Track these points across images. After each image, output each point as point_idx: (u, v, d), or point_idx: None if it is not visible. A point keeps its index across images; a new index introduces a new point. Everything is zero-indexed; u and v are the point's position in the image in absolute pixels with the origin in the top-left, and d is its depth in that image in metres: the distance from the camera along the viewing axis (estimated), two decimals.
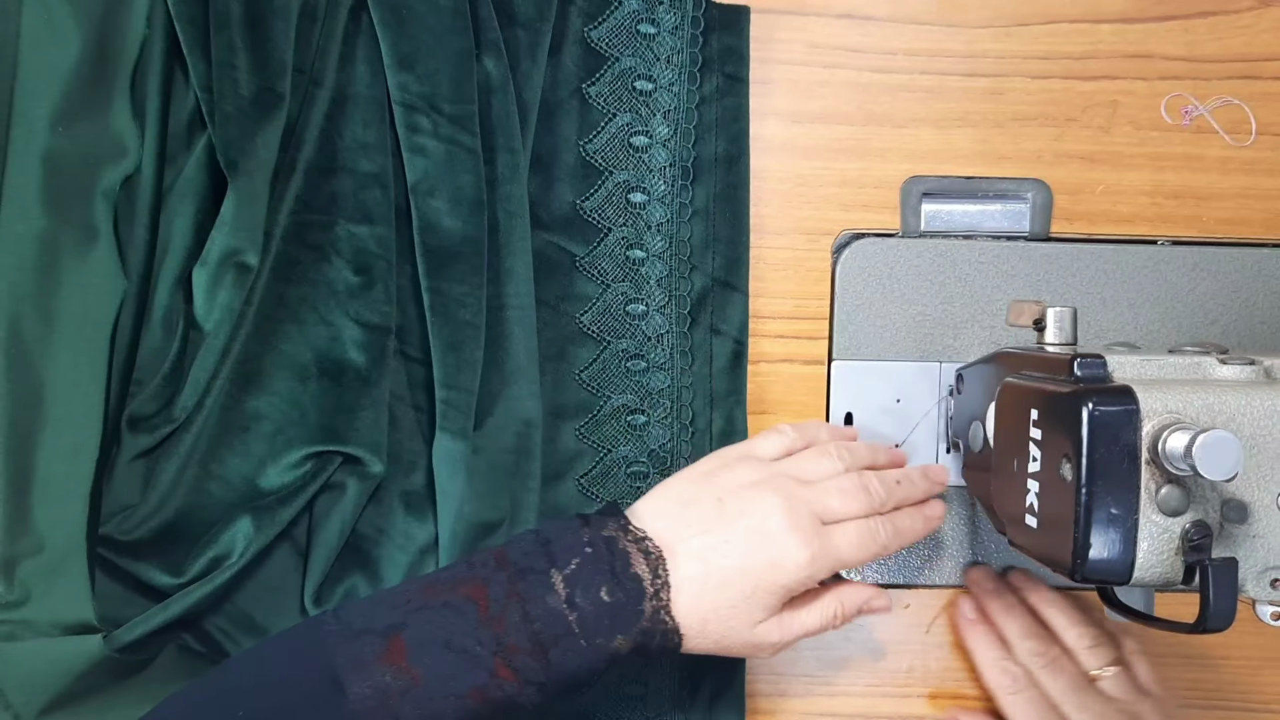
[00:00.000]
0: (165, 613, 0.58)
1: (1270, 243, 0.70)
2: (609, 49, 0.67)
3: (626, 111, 0.67)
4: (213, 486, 0.61)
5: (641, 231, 0.67)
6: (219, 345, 0.60)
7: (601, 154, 0.67)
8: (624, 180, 0.67)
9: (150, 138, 0.59)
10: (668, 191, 0.67)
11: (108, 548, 0.59)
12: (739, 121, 0.68)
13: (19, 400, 0.57)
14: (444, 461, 0.62)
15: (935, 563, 0.70)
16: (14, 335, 0.57)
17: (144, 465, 0.61)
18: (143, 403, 0.60)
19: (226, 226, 0.59)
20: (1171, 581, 0.50)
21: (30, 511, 0.57)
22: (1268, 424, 0.50)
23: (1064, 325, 0.56)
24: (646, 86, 0.67)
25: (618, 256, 0.67)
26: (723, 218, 0.68)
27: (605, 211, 0.67)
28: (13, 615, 0.57)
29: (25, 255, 0.57)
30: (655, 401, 0.67)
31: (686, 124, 0.67)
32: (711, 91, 0.67)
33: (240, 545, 0.59)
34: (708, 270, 0.68)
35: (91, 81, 0.59)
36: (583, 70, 0.67)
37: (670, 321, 0.67)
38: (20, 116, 0.58)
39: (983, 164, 0.70)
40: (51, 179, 0.58)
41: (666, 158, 0.67)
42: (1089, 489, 0.49)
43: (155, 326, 0.61)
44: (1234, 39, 0.69)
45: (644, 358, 0.67)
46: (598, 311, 0.67)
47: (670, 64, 0.67)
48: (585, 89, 0.67)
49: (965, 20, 0.69)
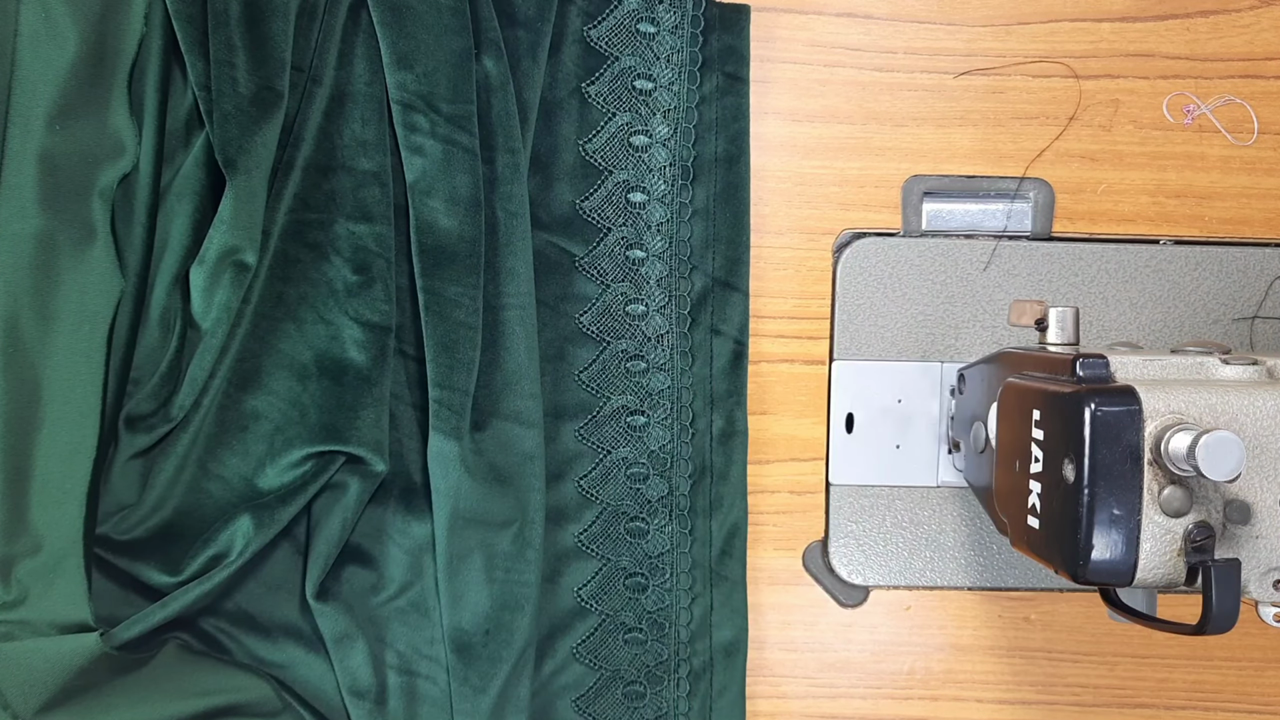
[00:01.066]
0: (164, 610, 0.57)
1: (1272, 242, 0.70)
2: (609, 48, 0.66)
3: (626, 111, 0.67)
4: (211, 486, 0.60)
5: (641, 231, 0.67)
6: (216, 344, 0.60)
7: (601, 153, 0.67)
8: (624, 180, 0.67)
9: (148, 136, 0.59)
10: (667, 191, 0.67)
11: (105, 547, 0.59)
12: (739, 121, 0.67)
13: (16, 399, 0.57)
14: (437, 461, 0.62)
15: (936, 564, 0.69)
16: (11, 334, 0.57)
17: (141, 464, 0.61)
18: (140, 402, 0.60)
19: (224, 225, 0.59)
20: (1174, 583, 0.50)
21: (28, 511, 0.57)
22: (1270, 424, 0.50)
23: (1066, 325, 0.55)
24: (646, 86, 0.67)
25: (617, 256, 0.67)
26: (723, 217, 0.67)
27: (605, 211, 0.67)
28: (10, 615, 0.56)
29: (22, 254, 0.57)
30: (655, 402, 0.67)
31: (686, 123, 0.67)
32: (711, 91, 0.67)
33: (240, 543, 0.59)
34: (708, 270, 0.68)
35: (89, 80, 0.58)
36: (582, 69, 0.66)
37: (670, 322, 0.67)
38: (17, 115, 0.57)
39: (984, 163, 0.69)
40: (48, 178, 0.58)
41: (666, 157, 0.67)
42: (1091, 490, 0.48)
43: (153, 325, 0.60)
44: (1236, 38, 0.69)
45: (644, 358, 0.67)
46: (597, 312, 0.67)
47: (670, 63, 0.66)
48: (585, 88, 0.67)
49: (965, 19, 0.69)
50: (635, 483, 0.67)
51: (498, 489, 0.63)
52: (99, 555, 0.59)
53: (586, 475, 0.67)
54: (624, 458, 0.67)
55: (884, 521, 0.69)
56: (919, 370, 0.69)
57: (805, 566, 0.70)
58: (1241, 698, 0.70)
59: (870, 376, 0.69)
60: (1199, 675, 0.70)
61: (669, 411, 0.67)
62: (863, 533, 0.70)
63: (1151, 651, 0.68)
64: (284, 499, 0.61)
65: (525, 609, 0.63)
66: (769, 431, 0.69)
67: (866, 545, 0.70)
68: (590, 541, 0.67)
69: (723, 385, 0.68)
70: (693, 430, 0.67)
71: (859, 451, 0.69)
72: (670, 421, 0.67)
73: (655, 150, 0.67)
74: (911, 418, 0.69)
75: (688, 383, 0.67)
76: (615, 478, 0.67)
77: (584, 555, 0.67)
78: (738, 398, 0.68)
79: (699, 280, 0.68)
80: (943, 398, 0.69)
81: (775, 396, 0.69)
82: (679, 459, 0.67)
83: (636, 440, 0.67)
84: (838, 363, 0.69)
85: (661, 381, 0.67)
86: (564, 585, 0.67)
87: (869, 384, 0.69)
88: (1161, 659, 0.69)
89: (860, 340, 0.69)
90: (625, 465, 0.67)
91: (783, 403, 0.69)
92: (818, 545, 0.70)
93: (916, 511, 0.70)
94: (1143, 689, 0.70)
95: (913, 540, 0.69)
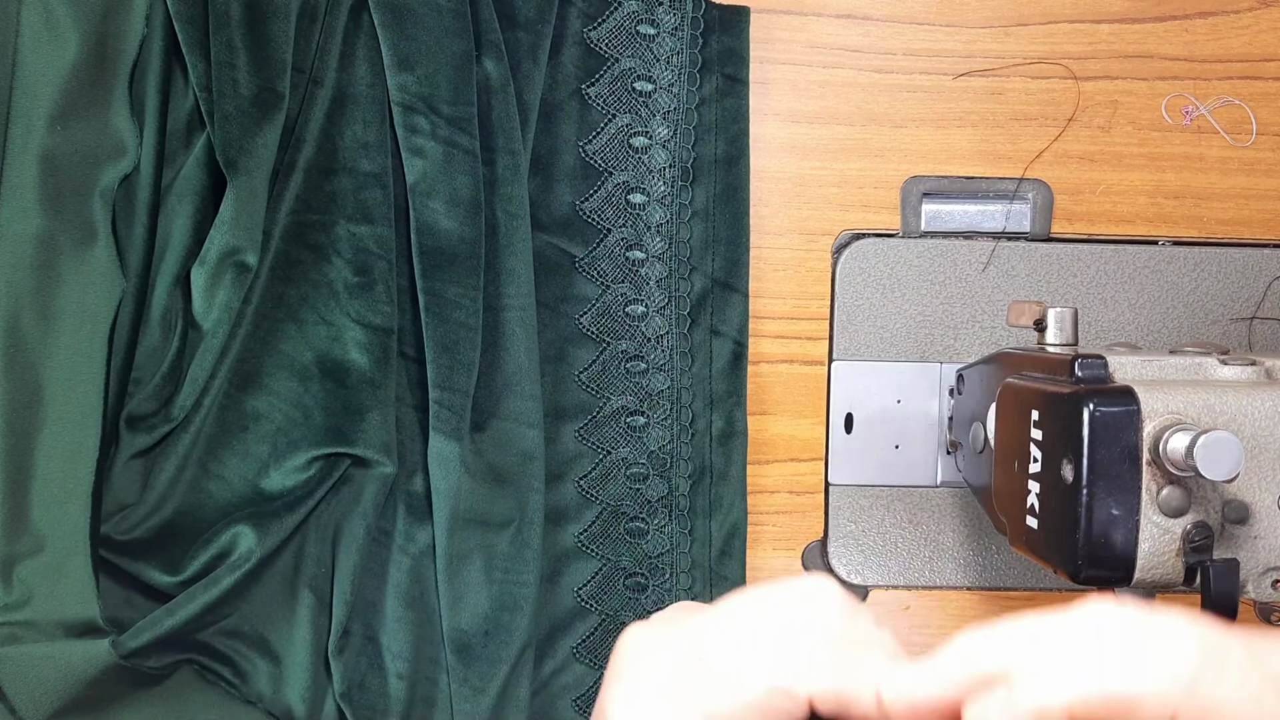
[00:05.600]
0: (172, 618, 0.57)
1: (1271, 243, 0.70)
2: (608, 50, 0.66)
3: (626, 113, 0.67)
4: (212, 486, 0.60)
5: (641, 232, 0.67)
6: (217, 344, 0.60)
7: (601, 155, 0.67)
8: (623, 181, 0.67)
9: (149, 137, 0.59)
10: (667, 192, 0.67)
11: (106, 547, 0.59)
12: (739, 123, 0.67)
13: (17, 400, 0.57)
14: (437, 462, 0.62)
15: (936, 564, 0.69)
16: (12, 335, 0.57)
17: (142, 465, 0.61)
18: (141, 402, 0.60)
19: (225, 226, 0.59)
20: (1172, 583, 0.50)
21: (29, 511, 0.57)
22: (1269, 424, 0.50)
23: (1065, 325, 0.56)
24: (646, 87, 0.67)
25: (617, 257, 0.67)
26: (722, 219, 0.68)
27: (604, 212, 0.67)
28: (14, 617, 0.56)
29: (24, 255, 0.57)
30: (655, 403, 0.67)
31: (686, 125, 0.67)
32: (711, 92, 0.67)
33: (243, 547, 0.59)
34: (707, 271, 0.68)
35: (90, 80, 0.58)
36: (582, 71, 0.67)
37: (670, 323, 0.67)
38: (19, 115, 0.57)
39: (983, 164, 0.69)
40: (49, 178, 0.58)
41: (666, 159, 0.67)
42: (1090, 490, 0.49)
43: (154, 326, 0.60)
44: (1234, 39, 0.69)
45: (643, 359, 0.67)
46: (597, 313, 0.67)
47: (670, 65, 0.67)
48: (585, 90, 0.67)
49: (965, 20, 0.69)
50: (635, 483, 0.67)
51: (497, 489, 0.63)
52: (101, 556, 0.59)
53: (586, 475, 0.67)
54: (624, 458, 0.67)
55: (883, 522, 0.70)
56: (918, 370, 0.69)
57: (805, 566, 0.70)
58: None
59: (869, 377, 0.69)
60: None
61: (668, 412, 0.67)
62: (862, 533, 0.70)
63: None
64: (290, 505, 0.61)
65: (524, 609, 0.63)
66: (769, 431, 0.70)
67: (866, 545, 0.70)
68: (590, 541, 0.67)
69: (722, 386, 0.68)
70: (692, 431, 0.67)
71: (858, 452, 0.69)
72: (670, 422, 0.67)
73: (655, 152, 0.67)
74: (911, 418, 0.69)
75: (687, 383, 0.67)
76: (615, 478, 0.67)
77: (584, 555, 0.67)
78: (737, 398, 0.68)
79: (699, 281, 0.68)
80: (942, 398, 0.69)
81: (775, 396, 0.69)
82: (679, 459, 0.67)
83: (636, 441, 0.67)
84: (837, 363, 0.69)
85: (661, 382, 0.67)
86: (564, 585, 0.67)
87: (868, 384, 0.69)
88: None
89: (859, 340, 0.69)
90: (625, 465, 0.67)
91: (782, 403, 0.69)
92: (817, 545, 0.70)
93: (916, 512, 0.70)
94: None
95: (912, 540, 0.70)
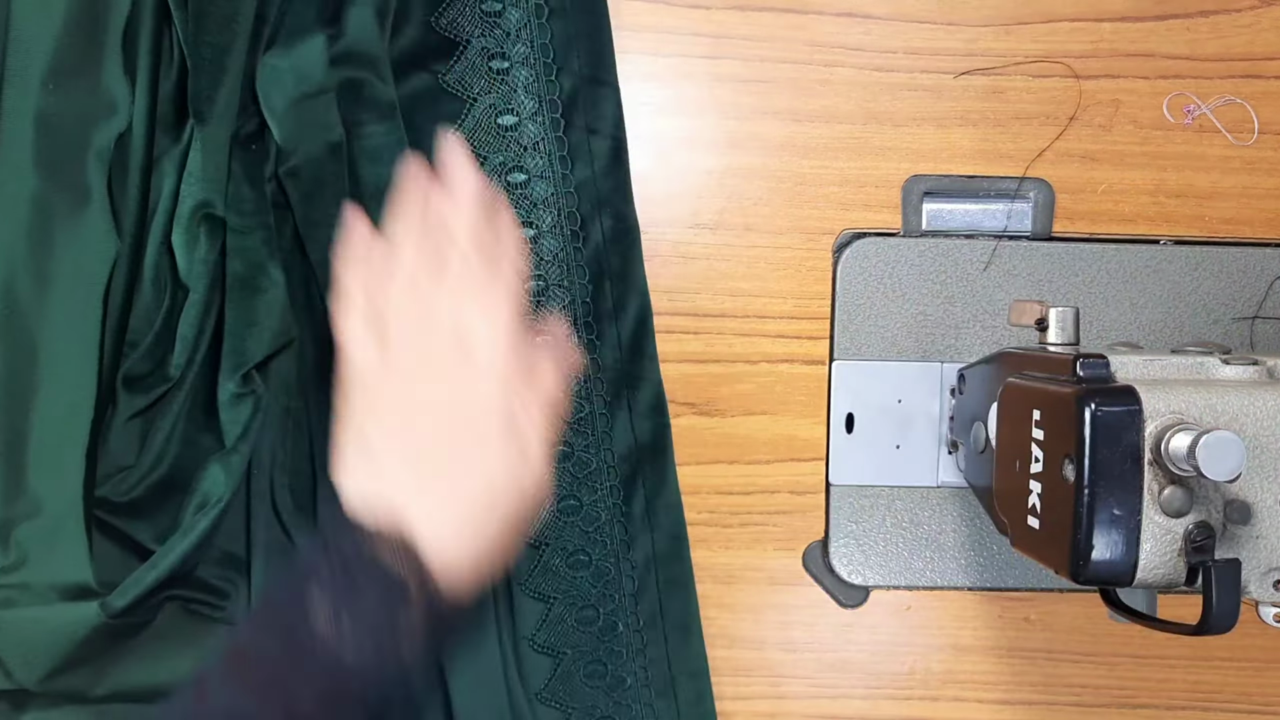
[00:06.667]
0: (154, 571, 0.57)
1: (1272, 242, 0.70)
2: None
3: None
4: (205, 441, 0.61)
5: (500, 40, 0.64)
6: (199, 299, 0.60)
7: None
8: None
9: (141, 96, 0.59)
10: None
11: (103, 509, 0.59)
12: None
13: (13, 363, 0.57)
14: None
15: (936, 564, 0.69)
16: (8, 297, 0.57)
17: (140, 425, 0.61)
18: (136, 363, 0.60)
19: (194, 179, 0.59)
20: (1174, 583, 0.50)
21: (26, 474, 0.57)
22: (1271, 424, 0.50)
23: (1066, 325, 0.55)
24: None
25: (480, 68, 0.65)
26: (579, 12, 0.65)
27: (460, 24, 0.64)
28: (10, 579, 0.56)
29: (19, 217, 0.57)
30: (541, 212, 0.65)
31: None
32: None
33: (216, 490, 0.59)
34: (574, 69, 0.65)
35: (83, 38, 0.58)
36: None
37: (543, 128, 0.65)
38: (14, 75, 0.57)
39: (984, 163, 0.69)
40: (44, 139, 0.57)
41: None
42: (1091, 490, 0.48)
43: (147, 286, 0.60)
44: (1236, 38, 0.69)
45: (523, 168, 0.65)
46: (468, 129, 0.65)
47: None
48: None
49: (965, 19, 0.69)
50: (533, 298, 0.65)
51: None
52: (98, 517, 0.59)
53: None
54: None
55: (884, 522, 0.69)
56: (919, 370, 0.69)
57: (805, 567, 0.70)
58: (1241, 698, 0.70)
59: (870, 376, 0.69)
60: (1199, 675, 0.70)
61: (556, 219, 0.65)
62: (863, 533, 0.70)
63: (1151, 652, 0.67)
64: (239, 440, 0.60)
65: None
66: (769, 431, 0.69)
67: (866, 545, 0.69)
68: None
69: (607, 184, 0.66)
70: (583, 234, 0.66)
71: (859, 451, 0.69)
72: (559, 229, 0.65)
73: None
74: (911, 418, 0.69)
75: (570, 187, 0.65)
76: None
77: None
78: (623, 194, 0.66)
79: (566, 81, 0.65)
80: (943, 398, 0.69)
81: (775, 396, 0.69)
82: (573, 265, 0.65)
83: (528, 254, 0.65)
84: (838, 363, 0.69)
85: (544, 190, 0.65)
86: None
87: (869, 384, 0.69)
88: (1161, 659, 0.68)
89: (860, 340, 0.69)
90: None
91: (782, 403, 0.69)
92: (818, 545, 0.70)
93: (916, 512, 0.69)
94: (1143, 689, 0.70)
95: (913, 540, 0.69)
